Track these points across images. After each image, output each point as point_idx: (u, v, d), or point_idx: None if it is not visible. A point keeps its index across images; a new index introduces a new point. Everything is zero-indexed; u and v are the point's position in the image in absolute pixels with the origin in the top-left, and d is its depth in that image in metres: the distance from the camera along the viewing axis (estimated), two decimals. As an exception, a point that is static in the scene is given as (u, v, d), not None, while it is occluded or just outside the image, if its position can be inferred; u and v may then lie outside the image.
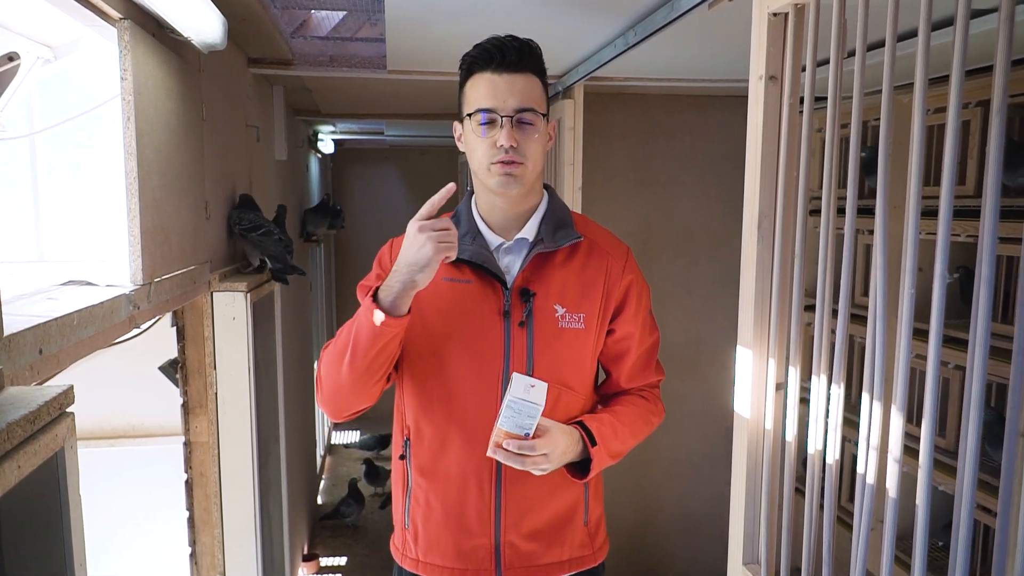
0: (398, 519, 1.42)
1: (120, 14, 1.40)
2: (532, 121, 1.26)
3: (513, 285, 1.30)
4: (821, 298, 1.17)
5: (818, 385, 1.19)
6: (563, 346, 1.31)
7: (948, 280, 0.91)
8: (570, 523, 1.38)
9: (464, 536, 1.33)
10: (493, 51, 1.25)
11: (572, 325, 1.31)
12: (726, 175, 3.42)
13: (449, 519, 1.33)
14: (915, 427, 2.13)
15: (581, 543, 1.40)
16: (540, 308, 1.30)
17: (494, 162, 1.24)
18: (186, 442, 2.11)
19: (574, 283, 1.33)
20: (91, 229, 1.86)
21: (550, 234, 1.32)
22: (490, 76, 1.25)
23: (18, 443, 0.74)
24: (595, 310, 1.33)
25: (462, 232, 1.32)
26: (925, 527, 0.98)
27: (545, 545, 1.36)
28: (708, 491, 3.66)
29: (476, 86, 1.27)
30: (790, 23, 1.23)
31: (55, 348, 1.05)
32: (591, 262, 1.35)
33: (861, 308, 2.53)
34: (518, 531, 1.34)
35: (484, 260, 1.29)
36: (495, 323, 1.29)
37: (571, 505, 1.38)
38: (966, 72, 0.90)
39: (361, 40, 2.71)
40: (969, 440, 0.90)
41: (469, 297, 1.30)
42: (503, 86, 1.24)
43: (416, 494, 1.36)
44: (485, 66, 1.26)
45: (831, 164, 1.15)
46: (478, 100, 1.25)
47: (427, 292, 1.29)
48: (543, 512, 1.35)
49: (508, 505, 1.33)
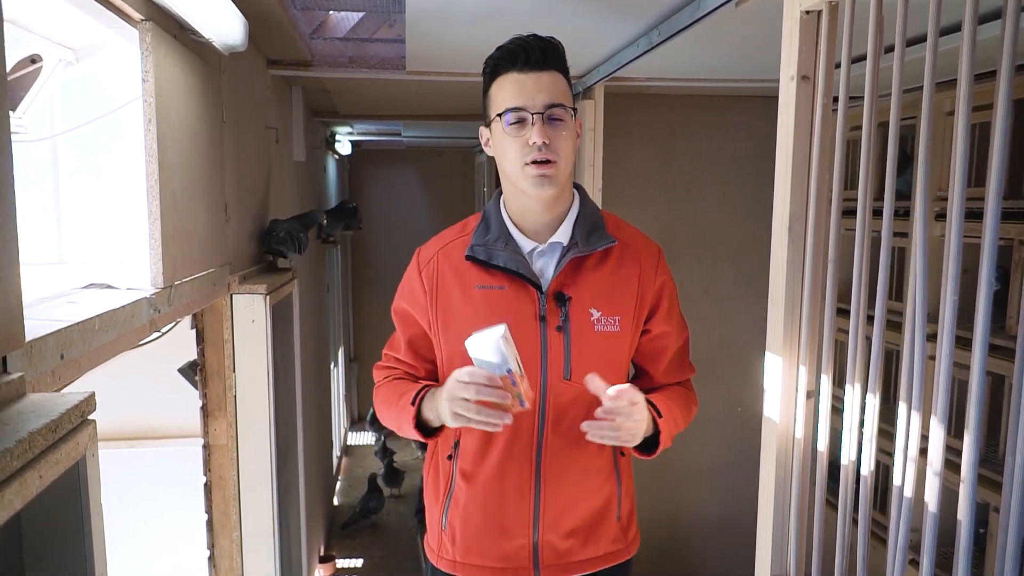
0: (434, 521, 1.43)
1: (142, 15, 1.39)
2: (562, 117, 1.25)
3: (548, 290, 1.30)
4: (856, 303, 1.13)
5: (852, 394, 1.16)
6: (599, 350, 1.31)
7: (996, 287, 0.88)
8: (604, 519, 1.40)
9: (503, 538, 1.35)
10: (517, 51, 1.25)
11: (608, 328, 1.31)
12: (748, 177, 3.37)
13: (489, 522, 1.35)
14: (951, 437, 2.08)
15: (615, 538, 1.42)
16: (576, 312, 1.30)
17: (528, 162, 1.24)
18: (205, 445, 2.10)
19: (608, 286, 1.32)
20: (112, 231, 1.85)
21: (584, 238, 1.31)
22: (516, 75, 1.25)
23: (40, 452, 0.72)
24: (630, 312, 1.33)
25: (493, 237, 1.32)
26: (968, 544, 0.94)
27: (581, 542, 1.38)
28: (729, 495, 3.61)
29: (503, 87, 1.26)
30: (823, 21, 1.20)
31: (77, 353, 1.04)
32: (624, 264, 1.34)
33: (894, 314, 2.48)
34: (556, 530, 1.35)
35: (519, 266, 1.29)
36: (532, 328, 1.29)
37: (605, 502, 1.39)
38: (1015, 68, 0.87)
39: (380, 41, 2.70)
40: (1018, 454, 0.86)
41: (503, 303, 1.30)
42: (530, 84, 1.24)
43: (457, 497, 1.37)
44: (510, 66, 1.26)
45: (867, 165, 1.11)
46: (506, 100, 1.25)
47: (461, 302, 1.31)
48: (579, 510, 1.36)
49: (547, 506, 1.34)
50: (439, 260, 1.35)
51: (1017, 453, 0.88)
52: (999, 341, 2.05)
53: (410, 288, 1.38)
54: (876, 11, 1.07)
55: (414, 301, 1.37)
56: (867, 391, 1.13)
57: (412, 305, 1.37)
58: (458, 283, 1.33)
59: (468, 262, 1.32)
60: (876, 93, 1.10)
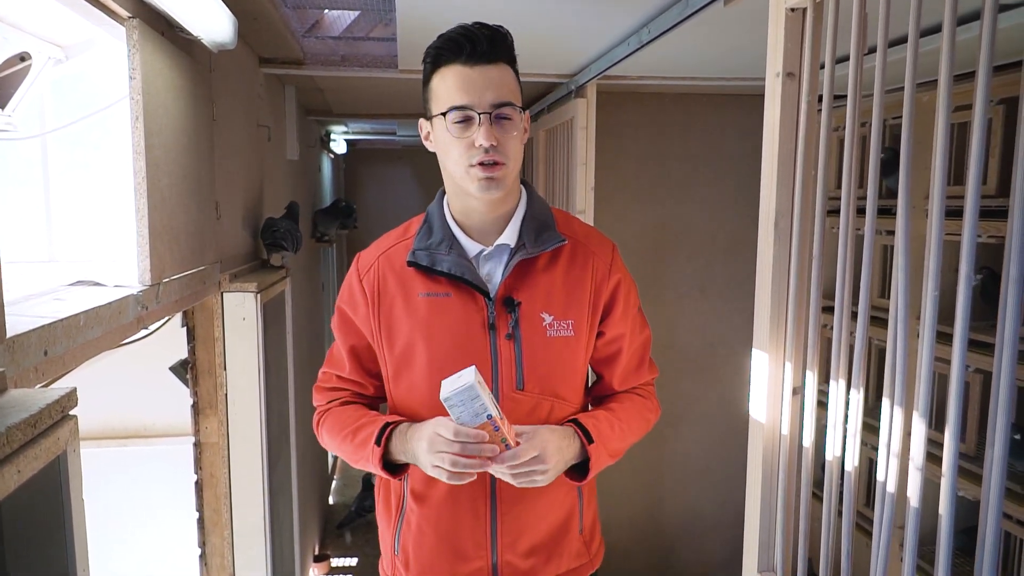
0: (387, 544, 1.35)
1: (129, 13, 1.40)
2: (510, 116, 1.16)
3: (496, 295, 1.22)
4: (840, 300, 1.14)
5: (836, 389, 1.16)
6: (553, 356, 1.23)
7: (974, 282, 0.88)
8: (567, 534, 1.32)
9: (459, 561, 1.27)
10: (462, 41, 1.14)
11: (561, 333, 1.23)
12: (742, 175, 3.38)
13: (442, 544, 1.27)
14: (935, 431, 2.09)
15: (578, 552, 1.35)
16: (526, 318, 1.22)
17: (473, 164, 1.15)
18: (196, 443, 2.10)
19: (560, 288, 1.24)
20: (101, 229, 1.86)
21: (532, 238, 1.23)
22: (461, 69, 1.14)
23: (18, 447, 0.72)
24: (584, 315, 1.25)
25: (436, 240, 1.24)
26: (949, 537, 0.95)
27: (544, 560, 1.30)
28: (720, 494, 3.62)
29: (446, 80, 1.15)
30: (808, 18, 1.20)
31: (61, 350, 1.04)
32: (576, 263, 1.26)
33: (879, 311, 2.49)
34: (515, 550, 1.27)
35: (464, 272, 1.21)
36: (480, 337, 1.21)
37: (566, 516, 1.32)
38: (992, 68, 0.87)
39: (373, 40, 2.70)
40: (996, 448, 0.87)
41: (450, 311, 1.22)
42: (478, 80, 1.13)
43: (408, 518, 1.30)
44: (454, 57, 1.14)
45: (850, 163, 1.12)
46: (450, 96, 1.14)
47: (405, 311, 1.23)
48: (539, 527, 1.29)
49: (504, 525, 1.26)
50: (380, 266, 1.27)
51: (996, 444, 0.88)
52: (990, 339, 2.06)
53: (350, 296, 1.28)
54: (859, 9, 1.07)
55: (355, 310, 1.27)
56: (851, 387, 1.13)
57: (354, 314, 1.28)
58: (401, 291, 1.24)
59: (411, 268, 1.24)
60: (859, 91, 1.10)
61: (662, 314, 3.47)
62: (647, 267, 3.41)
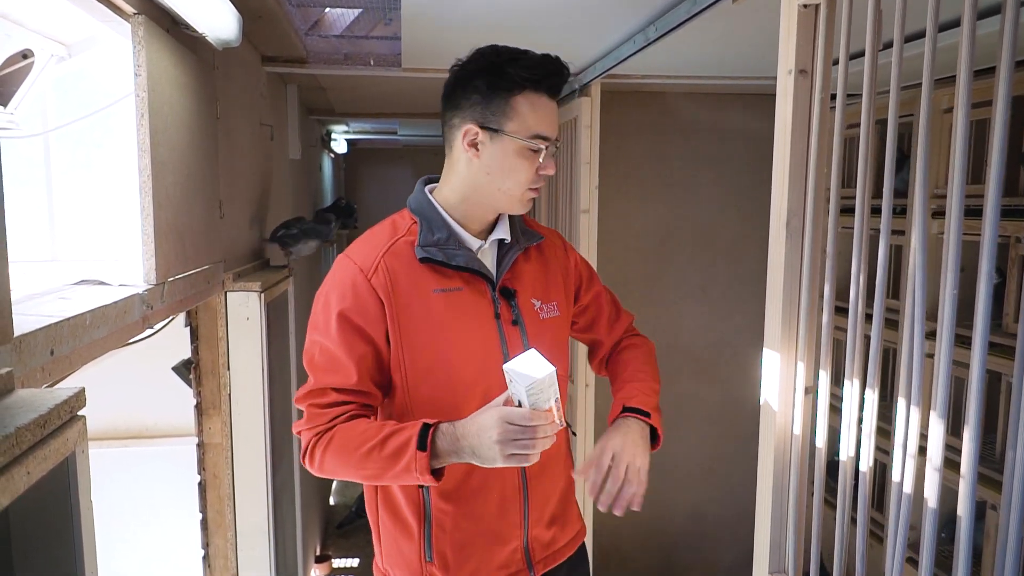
0: (411, 555, 1.31)
1: (134, 9, 1.38)
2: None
3: (497, 286, 1.31)
4: (855, 300, 1.12)
5: (851, 390, 1.15)
6: (549, 336, 1.35)
7: (996, 281, 0.87)
8: (570, 500, 1.44)
9: (500, 546, 1.33)
10: (553, 76, 1.23)
11: (550, 315, 1.36)
12: (746, 174, 3.37)
13: (484, 534, 1.31)
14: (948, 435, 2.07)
15: (577, 516, 1.46)
16: (523, 305, 1.33)
17: (533, 188, 1.26)
18: (199, 443, 2.09)
19: (540, 275, 1.37)
20: (105, 228, 1.84)
21: (520, 234, 1.36)
22: (549, 102, 1.24)
23: (27, 448, 0.71)
24: (561, 294, 1.39)
25: (443, 237, 1.26)
26: (968, 542, 0.93)
27: (560, 528, 1.40)
28: (723, 495, 3.61)
29: (536, 108, 1.22)
30: (821, 15, 1.19)
31: (67, 349, 1.03)
32: (543, 253, 1.40)
33: (891, 312, 2.48)
34: (541, 523, 1.36)
35: (479, 266, 1.28)
36: (491, 326, 1.29)
37: (568, 482, 1.43)
38: (1014, 64, 0.86)
39: (376, 38, 2.68)
40: (1019, 450, 0.86)
41: (463, 305, 1.26)
42: (555, 115, 1.25)
43: (441, 522, 1.29)
44: (539, 86, 1.22)
45: (865, 161, 1.11)
46: (539, 125, 1.23)
47: (422, 309, 1.23)
48: (554, 497, 1.38)
49: (533, 501, 1.34)
50: (388, 265, 1.23)
51: (1018, 448, 0.87)
52: (995, 338, 2.05)
53: (356, 299, 1.21)
54: (875, 3, 1.06)
55: (365, 315, 1.21)
56: (865, 388, 1.12)
57: (364, 319, 1.21)
58: (415, 289, 1.23)
59: (421, 265, 1.24)
60: (874, 89, 1.09)
61: (664, 314, 3.45)
62: (650, 266, 3.40)
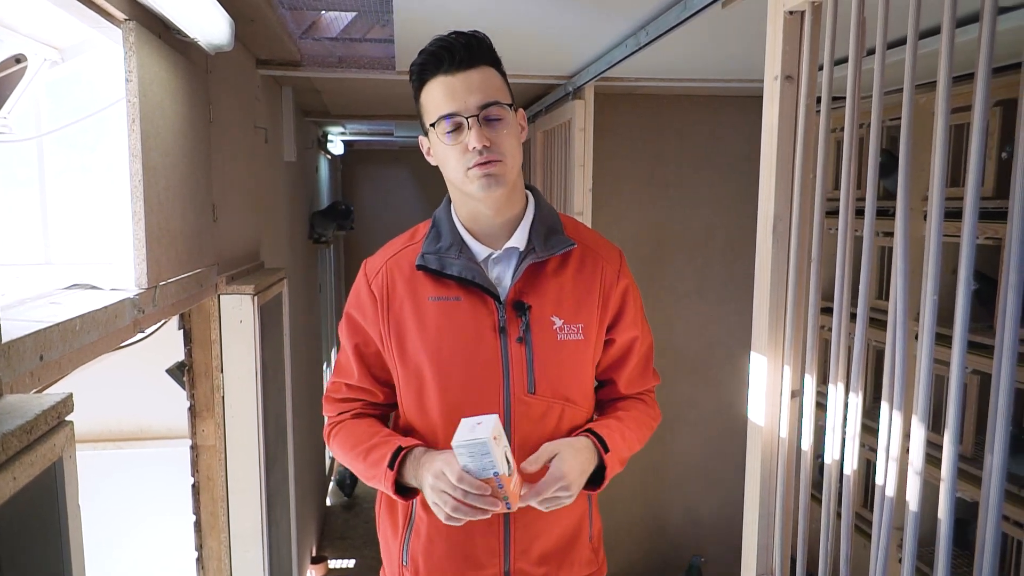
0: (393, 555, 1.33)
1: (125, 15, 1.39)
2: (500, 115, 1.17)
3: (507, 299, 1.22)
4: (839, 302, 1.13)
5: (835, 392, 1.16)
6: (564, 359, 1.24)
7: (974, 287, 0.88)
8: (577, 541, 1.32)
9: (471, 569, 1.26)
10: (441, 52, 1.17)
11: (571, 337, 1.24)
12: (740, 177, 3.38)
13: (454, 553, 1.26)
14: (932, 433, 2.09)
15: (588, 560, 1.35)
16: (537, 321, 1.22)
17: (470, 167, 1.16)
18: (193, 446, 2.09)
19: (570, 292, 1.25)
20: (99, 232, 1.85)
21: (541, 242, 1.24)
22: (444, 79, 1.17)
23: (14, 454, 0.72)
24: (593, 319, 1.26)
25: (445, 244, 1.24)
26: (948, 541, 0.94)
27: (555, 567, 1.30)
28: (719, 496, 3.62)
29: (432, 92, 1.18)
30: (807, 21, 1.20)
31: (56, 354, 1.04)
32: (585, 268, 1.27)
33: (879, 312, 2.49)
34: (528, 558, 1.27)
35: (474, 275, 1.21)
36: (491, 341, 1.21)
37: (577, 523, 1.32)
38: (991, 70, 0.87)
39: (370, 41, 2.69)
40: (996, 452, 0.87)
41: (459, 315, 1.22)
42: (459, 86, 1.16)
43: (418, 528, 1.28)
44: (435, 70, 1.17)
45: (849, 165, 1.12)
46: (438, 106, 1.17)
47: (414, 315, 1.23)
48: (551, 534, 1.29)
49: (517, 532, 1.26)
50: (389, 270, 1.27)
51: (996, 448, 0.88)
52: (987, 340, 2.06)
53: (358, 300, 1.28)
54: (858, 11, 1.07)
55: (364, 314, 1.27)
56: (849, 389, 1.13)
57: (363, 318, 1.28)
58: (410, 295, 1.24)
59: (420, 272, 1.24)
60: (858, 94, 1.10)
61: (660, 316, 3.46)
62: (645, 269, 3.41)
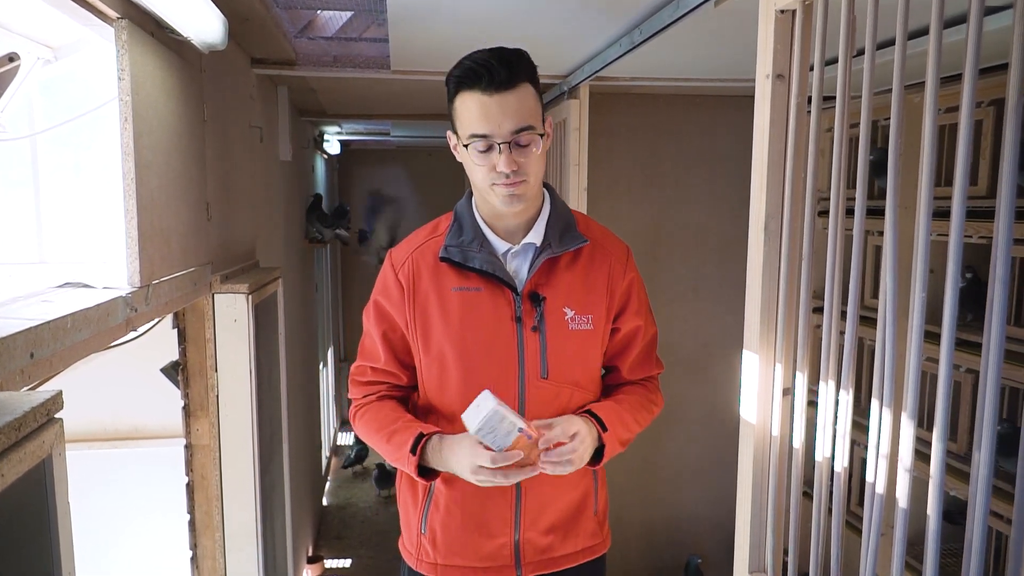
0: (413, 524, 1.43)
1: (118, 13, 1.39)
2: (529, 141, 1.21)
3: (523, 291, 1.31)
4: (829, 300, 1.14)
5: (826, 390, 1.16)
6: (574, 347, 1.33)
7: (961, 284, 0.89)
8: (582, 514, 1.42)
9: (485, 538, 1.37)
10: (480, 71, 1.18)
11: (581, 327, 1.33)
12: (734, 175, 3.39)
13: (469, 523, 1.36)
14: (924, 430, 2.09)
15: (592, 532, 1.44)
16: (551, 312, 1.31)
17: (496, 183, 1.23)
18: (187, 445, 2.09)
19: (580, 285, 1.34)
20: (92, 231, 1.85)
21: (557, 238, 1.32)
22: (480, 97, 1.18)
23: (2, 451, 0.72)
24: (601, 310, 1.35)
25: (468, 239, 1.32)
26: (937, 538, 0.95)
27: (561, 537, 1.40)
28: (715, 494, 3.62)
29: (467, 107, 1.21)
30: (798, 21, 1.20)
31: (47, 352, 1.04)
32: (595, 263, 1.36)
33: (870, 310, 2.49)
34: (536, 528, 1.37)
35: (495, 268, 1.30)
36: (509, 329, 1.30)
37: (583, 496, 1.41)
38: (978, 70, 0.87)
39: (366, 40, 2.69)
40: (983, 449, 0.87)
41: (480, 305, 1.30)
42: (495, 109, 1.18)
43: (437, 500, 1.38)
44: (473, 85, 1.19)
45: (839, 164, 1.12)
46: (471, 124, 1.20)
47: (438, 304, 1.31)
48: (558, 506, 1.39)
49: (527, 504, 1.36)
50: (415, 261, 1.34)
51: (984, 446, 0.88)
52: (979, 339, 2.06)
53: (385, 287, 1.36)
54: (848, 11, 1.07)
55: (390, 300, 1.35)
56: (840, 387, 1.13)
57: (389, 304, 1.36)
58: (434, 285, 1.32)
59: (443, 264, 1.31)
60: (848, 93, 1.10)
61: (655, 315, 3.46)
62: (640, 268, 3.38)
